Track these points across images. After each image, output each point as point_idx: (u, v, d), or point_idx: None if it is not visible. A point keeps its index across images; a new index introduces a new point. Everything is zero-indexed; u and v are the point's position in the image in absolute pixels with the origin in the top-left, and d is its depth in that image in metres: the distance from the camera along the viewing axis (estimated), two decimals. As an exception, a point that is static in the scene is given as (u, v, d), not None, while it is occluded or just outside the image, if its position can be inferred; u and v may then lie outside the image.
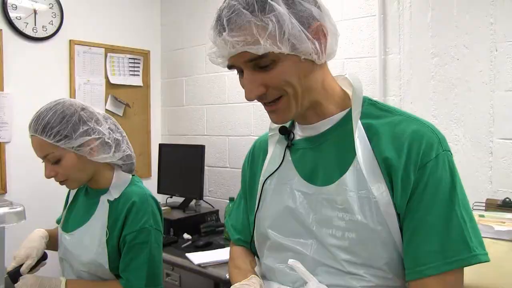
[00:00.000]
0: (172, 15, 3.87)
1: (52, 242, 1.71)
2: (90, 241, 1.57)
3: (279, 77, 0.94)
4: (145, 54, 3.82)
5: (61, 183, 1.58)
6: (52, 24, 3.16)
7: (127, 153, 1.67)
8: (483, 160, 2.19)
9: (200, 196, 3.24)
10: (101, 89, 3.50)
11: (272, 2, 0.88)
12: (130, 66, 3.70)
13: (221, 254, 2.62)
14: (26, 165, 3.01)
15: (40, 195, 2.96)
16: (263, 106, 1.03)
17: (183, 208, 3.31)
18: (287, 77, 0.94)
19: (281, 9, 0.88)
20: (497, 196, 2.12)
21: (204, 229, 3.11)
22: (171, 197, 3.54)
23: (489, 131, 2.20)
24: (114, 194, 1.61)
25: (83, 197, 1.72)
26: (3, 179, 2.94)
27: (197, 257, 2.56)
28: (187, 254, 2.61)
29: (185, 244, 2.86)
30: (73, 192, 1.79)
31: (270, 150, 1.18)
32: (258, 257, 1.22)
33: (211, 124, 3.58)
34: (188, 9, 3.74)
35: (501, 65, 2.17)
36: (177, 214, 3.17)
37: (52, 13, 3.16)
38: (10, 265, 1.52)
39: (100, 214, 1.60)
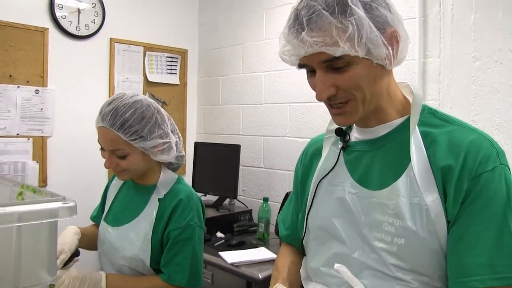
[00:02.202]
0: (210, 15, 3.91)
1: (84, 240, 1.73)
2: (136, 237, 1.60)
3: (351, 79, 0.94)
4: (183, 53, 3.87)
5: (117, 173, 1.62)
6: (94, 22, 3.24)
7: (182, 154, 1.72)
8: (525, 167, 2.14)
9: (234, 195, 3.26)
10: (139, 86, 3.56)
11: (352, 6, 0.89)
12: (167, 65, 3.75)
13: (254, 254, 2.63)
14: (66, 159, 3.11)
15: (79, 189, 3.04)
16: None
17: (216, 207, 3.33)
18: (359, 80, 0.94)
19: (361, 13, 0.89)
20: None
21: (237, 228, 3.13)
22: (205, 195, 3.56)
23: (532, 138, 2.15)
24: (162, 191, 1.65)
25: (130, 193, 1.75)
26: (44, 172, 3.03)
27: (230, 256, 2.57)
28: (220, 253, 2.63)
29: (218, 243, 2.88)
30: (114, 187, 1.82)
31: (325, 151, 1.18)
32: (305, 255, 1.22)
33: (247, 124, 3.59)
34: (225, 9, 3.76)
35: (546, 70, 2.11)
36: (211, 213, 3.19)
37: (95, 12, 3.24)
38: None
39: (149, 212, 1.63)
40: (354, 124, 1.14)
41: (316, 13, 0.90)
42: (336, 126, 1.15)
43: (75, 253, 1.63)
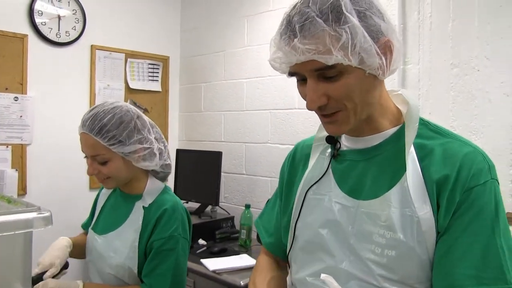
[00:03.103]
0: (192, 22, 3.91)
1: (75, 251, 1.72)
2: (122, 245, 1.59)
3: (342, 89, 0.92)
4: (165, 60, 3.86)
5: (102, 181, 1.61)
6: (75, 29, 3.22)
7: (167, 162, 1.72)
8: (504, 172, 2.16)
9: (216, 202, 3.26)
10: (121, 93, 3.54)
11: (347, 14, 0.87)
12: (149, 72, 3.74)
13: (236, 261, 2.63)
14: (45, 167, 3.08)
15: (59, 197, 3.01)
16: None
17: (198, 214, 3.32)
18: (350, 90, 0.93)
19: (355, 21, 0.87)
20: (517, 210, 2.09)
21: (219, 235, 3.13)
22: (187, 203, 3.54)
23: (510, 143, 2.18)
24: (148, 200, 1.64)
25: (116, 201, 1.74)
26: (24, 180, 2.99)
27: (212, 263, 2.57)
28: (202, 260, 2.62)
29: (200, 250, 2.87)
30: (103, 195, 1.82)
31: (313, 159, 1.17)
32: (289, 265, 1.20)
33: (228, 131, 3.59)
34: (207, 16, 3.77)
35: (522, 77, 2.14)
36: (193, 220, 3.14)
37: (75, 18, 3.22)
38: (33, 270, 1.51)
39: (134, 219, 1.62)
40: (344, 134, 1.12)
41: (310, 20, 0.87)
42: (326, 134, 1.13)
43: (65, 266, 1.63)
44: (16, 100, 2.93)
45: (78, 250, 1.75)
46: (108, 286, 1.60)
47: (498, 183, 0.95)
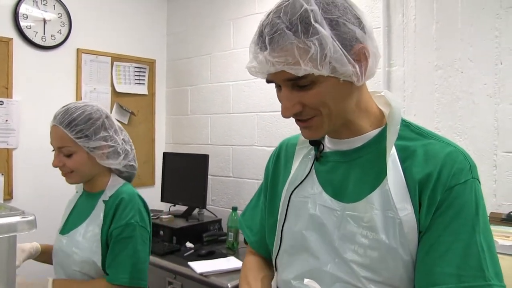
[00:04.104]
0: (178, 25, 3.91)
1: (46, 256, 1.80)
2: (85, 240, 1.64)
3: (316, 97, 0.93)
4: (151, 63, 3.85)
5: (65, 175, 1.69)
6: (60, 33, 3.20)
7: (132, 163, 1.79)
8: (487, 173, 2.19)
9: (203, 205, 3.25)
10: (107, 97, 3.53)
11: (316, 25, 0.87)
12: (136, 75, 3.73)
13: (223, 263, 2.63)
14: (32, 171, 3.05)
15: (46, 201, 2.98)
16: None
17: (186, 217, 3.31)
18: (325, 98, 0.94)
19: (324, 32, 0.87)
20: (502, 210, 2.12)
21: (206, 238, 3.12)
22: (174, 206, 3.55)
23: (494, 144, 2.21)
24: (108, 194, 1.70)
25: (82, 203, 1.79)
26: (9, 185, 2.96)
27: (200, 266, 2.56)
28: (190, 263, 2.62)
29: (187, 253, 2.86)
30: (70, 202, 1.86)
31: (297, 161, 1.18)
32: (276, 267, 1.20)
33: (215, 134, 3.59)
34: (193, 19, 3.77)
35: (505, 78, 2.17)
36: (180, 223, 3.18)
37: (61, 22, 3.20)
38: None
39: (96, 214, 1.67)
40: (326, 135, 1.13)
41: (279, 32, 0.88)
42: None
43: None
44: (1, 104, 2.90)
45: (49, 255, 1.80)
46: (76, 280, 1.63)
47: (479, 182, 0.96)
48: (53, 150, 1.70)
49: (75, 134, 1.62)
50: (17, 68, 2.98)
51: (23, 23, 2.99)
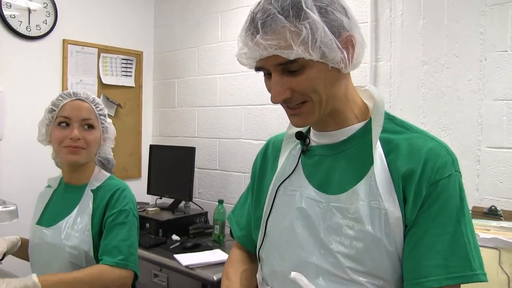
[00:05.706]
0: (166, 17, 3.89)
1: (24, 250, 1.77)
2: (75, 231, 1.64)
3: (306, 82, 0.95)
4: (138, 55, 3.83)
5: (76, 151, 1.68)
6: (46, 23, 3.16)
7: (110, 157, 1.89)
8: (471, 168, 2.22)
9: (189, 198, 3.25)
10: (94, 89, 3.50)
11: (307, 10, 0.90)
12: (122, 67, 3.71)
13: (209, 256, 2.63)
14: (17, 164, 3.02)
15: (31, 194, 2.92)
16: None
17: (172, 210, 3.31)
18: (314, 83, 0.96)
19: (315, 17, 0.90)
20: (484, 204, 2.15)
21: (192, 231, 3.12)
22: (160, 198, 3.54)
23: (477, 140, 2.23)
24: (95, 184, 1.74)
25: (63, 195, 1.79)
26: (-7, 176, 2.93)
27: (185, 259, 2.57)
28: (176, 255, 2.62)
29: (173, 245, 2.86)
30: (42, 196, 1.86)
31: (283, 156, 1.19)
32: (260, 259, 1.21)
33: (202, 127, 3.59)
34: (181, 11, 3.75)
35: (490, 74, 2.20)
36: (166, 215, 3.17)
37: (46, 12, 3.16)
38: None
39: (85, 204, 1.69)
40: (312, 129, 1.15)
41: (271, 16, 0.91)
42: (296, 130, 1.16)
43: (2, 257, 1.67)
44: (-15, 95, 2.87)
45: (26, 250, 1.77)
46: (63, 274, 1.57)
47: (461, 175, 0.98)
48: (61, 123, 1.69)
49: (99, 110, 1.74)
50: (1, 58, 2.95)
51: (6, 12, 2.94)
